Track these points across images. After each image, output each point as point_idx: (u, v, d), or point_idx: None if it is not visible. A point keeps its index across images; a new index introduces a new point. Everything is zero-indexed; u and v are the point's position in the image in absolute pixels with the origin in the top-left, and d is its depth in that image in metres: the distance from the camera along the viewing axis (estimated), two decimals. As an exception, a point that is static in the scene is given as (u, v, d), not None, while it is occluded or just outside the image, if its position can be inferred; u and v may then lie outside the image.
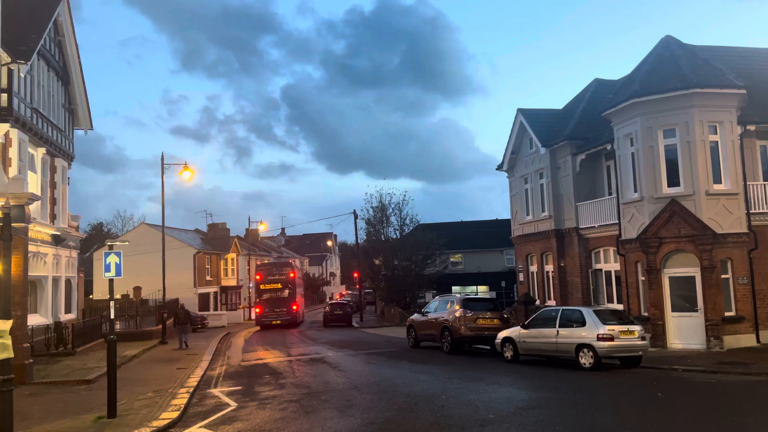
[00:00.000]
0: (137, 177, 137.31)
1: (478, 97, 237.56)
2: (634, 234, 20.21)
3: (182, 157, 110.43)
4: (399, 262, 46.42)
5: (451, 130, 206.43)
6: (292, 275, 43.39)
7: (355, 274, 62.89)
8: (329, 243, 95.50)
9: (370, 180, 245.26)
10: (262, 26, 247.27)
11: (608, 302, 23.13)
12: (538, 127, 27.04)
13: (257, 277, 44.57)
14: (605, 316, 16.38)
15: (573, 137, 24.90)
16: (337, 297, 53.77)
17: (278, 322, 40.98)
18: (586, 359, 15.86)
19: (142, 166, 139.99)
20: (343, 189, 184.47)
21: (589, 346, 15.82)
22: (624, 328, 16.01)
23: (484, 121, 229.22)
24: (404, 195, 48.23)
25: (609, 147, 22.39)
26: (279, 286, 42.57)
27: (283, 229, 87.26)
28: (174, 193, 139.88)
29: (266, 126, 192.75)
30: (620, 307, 21.33)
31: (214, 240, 58.02)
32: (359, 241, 51.12)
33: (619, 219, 21.43)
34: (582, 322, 16.28)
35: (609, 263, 23.36)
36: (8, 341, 9.21)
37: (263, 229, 63.16)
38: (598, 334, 15.70)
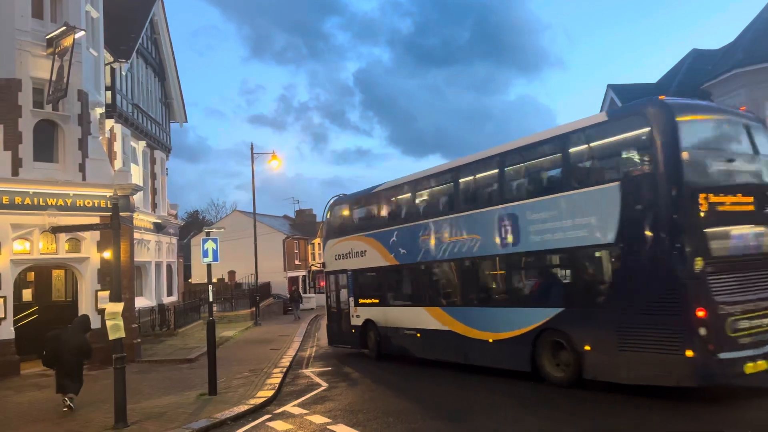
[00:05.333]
0: (222, 166, 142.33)
1: (555, 71, 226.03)
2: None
3: (262, 145, 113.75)
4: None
5: (530, 108, 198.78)
6: None
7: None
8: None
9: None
10: (326, 8, 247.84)
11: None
12: (630, 102, 25.77)
13: None
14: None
15: (669, 113, 23.53)
16: None
17: None
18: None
19: (225, 155, 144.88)
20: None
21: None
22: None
23: (564, 97, 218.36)
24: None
25: (709, 122, 21.03)
26: None
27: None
28: (260, 180, 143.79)
29: (340, 112, 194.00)
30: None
31: (302, 225, 59.73)
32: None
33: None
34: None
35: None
36: (121, 322, 9.95)
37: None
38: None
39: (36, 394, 12.85)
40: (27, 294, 17.31)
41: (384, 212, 17.02)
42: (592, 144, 11.00)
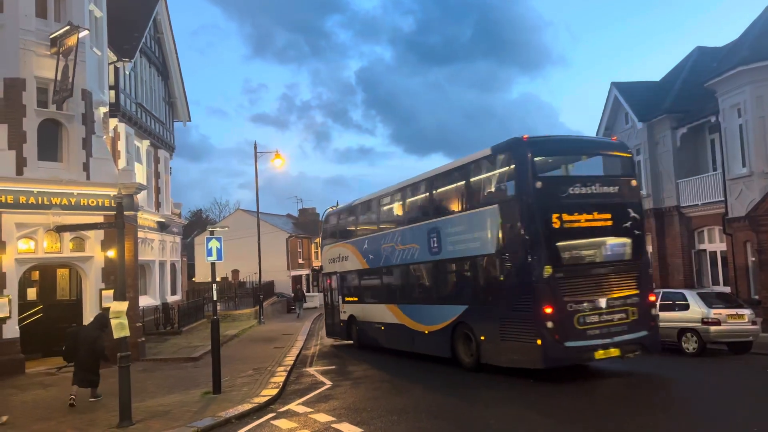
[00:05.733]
0: (225, 165, 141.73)
1: (558, 68, 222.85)
2: (743, 212, 18.88)
3: (265, 144, 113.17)
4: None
5: (532, 106, 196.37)
6: None
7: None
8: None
9: (450, 161, 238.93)
10: (327, 7, 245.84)
11: (713, 285, 21.82)
12: (634, 100, 25.70)
13: None
14: (710, 299, 15.46)
15: (673, 110, 23.49)
16: None
17: None
18: (689, 344, 15.07)
19: (228, 154, 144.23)
20: (423, 171, 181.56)
21: (693, 331, 15.01)
22: (732, 311, 15.05)
23: (566, 95, 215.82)
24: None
25: (713, 119, 20.97)
26: None
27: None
28: (263, 179, 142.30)
29: (342, 110, 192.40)
30: (727, 289, 20.07)
31: (305, 224, 59.76)
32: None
33: (725, 196, 20.08)
34: (685, 306, 15.47)
35: (714, 243, 22.00)
36: (125, 321, 9.97)
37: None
38: (703, 318, 14.86)
39: (41, 393, 12.89)
40: (31, 293, 17.36)
41: (359, 223, 19.94)
42: (481, 173, 13.57)
